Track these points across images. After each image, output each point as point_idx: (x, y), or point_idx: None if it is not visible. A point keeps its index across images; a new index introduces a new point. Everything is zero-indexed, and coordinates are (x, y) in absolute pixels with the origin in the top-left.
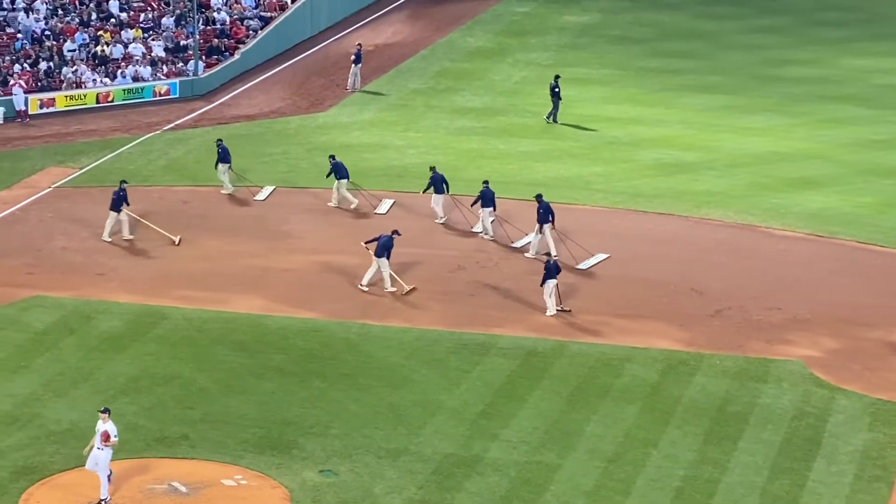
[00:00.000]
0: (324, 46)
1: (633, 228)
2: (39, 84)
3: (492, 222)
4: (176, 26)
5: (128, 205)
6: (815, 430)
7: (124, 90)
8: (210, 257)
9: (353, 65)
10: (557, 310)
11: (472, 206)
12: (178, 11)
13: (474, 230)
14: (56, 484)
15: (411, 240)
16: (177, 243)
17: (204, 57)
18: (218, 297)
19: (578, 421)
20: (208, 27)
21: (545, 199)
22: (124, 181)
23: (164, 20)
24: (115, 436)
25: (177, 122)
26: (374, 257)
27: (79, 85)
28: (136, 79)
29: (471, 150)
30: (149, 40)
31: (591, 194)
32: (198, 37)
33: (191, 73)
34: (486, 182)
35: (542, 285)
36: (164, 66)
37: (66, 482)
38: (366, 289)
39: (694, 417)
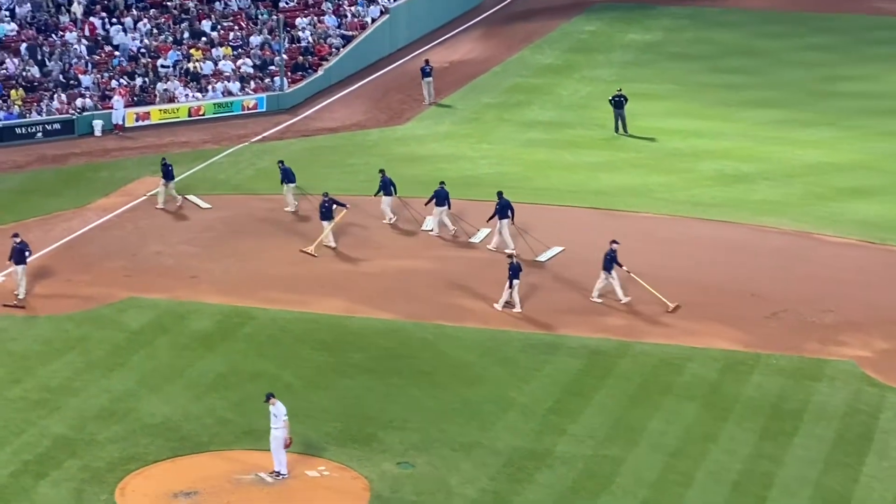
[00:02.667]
0: (402, 63)
1: (693, 236)
2: (136, 99)
3: (439, 222)
4: (263, 45)
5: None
6: (867, 427)
7: (215, 104)
8: (294, 261)
9: (422, 78)
10: (504, 304)
11: (426, 204)
12: (265, 31)
13: (424, 228)
14: (150, 474)
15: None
16: (311, 251)
17: (289, 73)
18: (301, 299)
19: (641, 417)
20: (293, 45)
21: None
22: (326, 194)
23: (252, 38)
24: (283, 415)
25: (264, 135)
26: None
27: (172, 99)
28: (225, 94)
29: (539, 160)
30: (238, 58)
31: (654, 203)
32: (284, 54)
33: (277, 89)
34: (442, 183)
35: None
36: (252, 82)
37: (159, 472)
38: (598, 300)
39: (751, 414)
